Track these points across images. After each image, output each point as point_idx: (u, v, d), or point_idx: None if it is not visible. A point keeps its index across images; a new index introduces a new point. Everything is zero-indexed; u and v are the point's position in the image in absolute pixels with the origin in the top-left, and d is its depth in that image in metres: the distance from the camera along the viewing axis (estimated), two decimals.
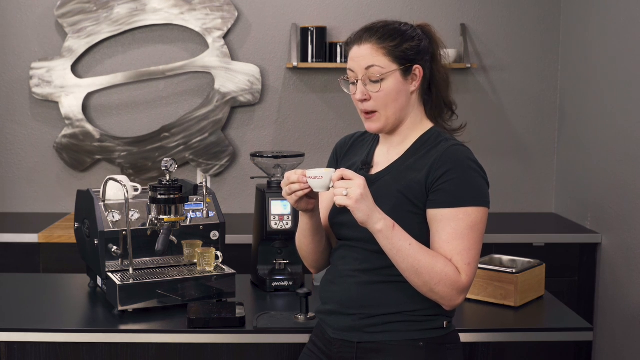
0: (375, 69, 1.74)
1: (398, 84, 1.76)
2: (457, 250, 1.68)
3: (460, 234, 1.68)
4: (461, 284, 1.68)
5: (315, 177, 1.70)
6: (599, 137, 3.53)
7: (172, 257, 2.45)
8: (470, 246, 1.69)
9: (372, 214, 1.65)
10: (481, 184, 1.73)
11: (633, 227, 3.20)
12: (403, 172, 1.77)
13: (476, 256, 1.70)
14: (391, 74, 1.75)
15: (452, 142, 1.76)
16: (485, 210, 1.72)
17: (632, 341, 3.17)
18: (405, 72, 1.77)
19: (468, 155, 1.74)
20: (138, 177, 3.97)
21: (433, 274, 1.66)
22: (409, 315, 1.75)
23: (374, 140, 1.91)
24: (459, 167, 1.70)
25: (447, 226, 1.68)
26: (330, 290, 1.84)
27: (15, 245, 3.45)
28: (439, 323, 1.77)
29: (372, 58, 1.75)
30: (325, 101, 4.02)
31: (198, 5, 3.89)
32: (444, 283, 1.66)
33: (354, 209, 1.63)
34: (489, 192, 1.75)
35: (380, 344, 1.76)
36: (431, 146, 1.77)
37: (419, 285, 1.69)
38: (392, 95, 1.76)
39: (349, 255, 1.82)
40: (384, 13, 3.93)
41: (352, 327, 1.79)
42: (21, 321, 2.23)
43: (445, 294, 1.68)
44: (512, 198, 4.10)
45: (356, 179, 1.64)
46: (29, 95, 3.95)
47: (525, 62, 4.03)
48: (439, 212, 1.70)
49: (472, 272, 1.70)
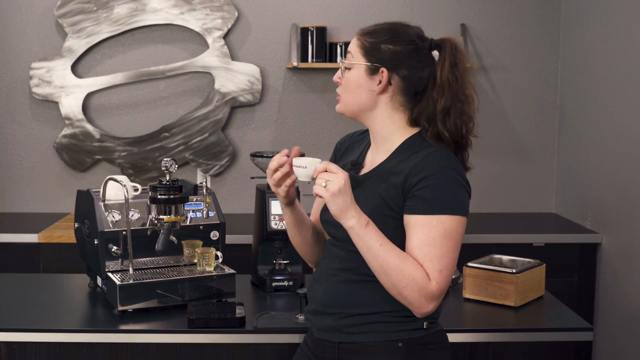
0: (348, 56, 1.81)
1: (359, 79, 1.78)
2: (429, 257, 1.66)
3: (433, 241, 1.66)
4: (430, 290, 1.65)
5: (300, 166, 1.72)
6: (599, 137, 3.53)
7: (172, 257, 2.44)
8: (443, 254, 1.66)
9: (347, 210, 1.65)
10: (459, 192, 1.70)
11: (633, 227, 3.19)
12: (385, 175, 1.76)
13: (449, 264, 1.67)
14: (357, 66, 1.78)
15: (434, 149, 1.72)
16: (461, 220, 1.69)
17: (632, 341, 3.17)
18: (371, 70, 1.77)
19: (449, 163, 1.71)
20: (138, 177, 3.97)
21: (401, 276, 1.64)
22: (388, 316, 1.75)
23: (369, 141, 1.91)
24: (437, 174, 1.68)
25: (420, 232, 1.67)
26: (315, 289, 1.86)
27: (15, 245, 3.45)
28: (418, 324, 1.76)
29: (352, 47, 1.82)
30: (325, 101, 4.02)
31: (198, 5, 3.89)
32: (411, 287, 1.65)
33: (329, 202, 1.65)
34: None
35: (360, 344, 1.76)
36: (414, 151, 1.75)
37: (389, 287, 1.68)
38: (350, 86, 1.79)
39: (334, 253, 1.83)
40: (384, 13, 3.93)
41: (333, 327, 1.79)
42: (21, 321, 2.23)
43: (413, 300, 1.66)
44: (512, 198, 4.10)
45: (339, 173, 1.65)
46: (29, 95, 3.95)
47: (525, 62, 4.03)
48: (413, 218, 1.69)
49: (444, 280, 1.66)
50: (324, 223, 1.87)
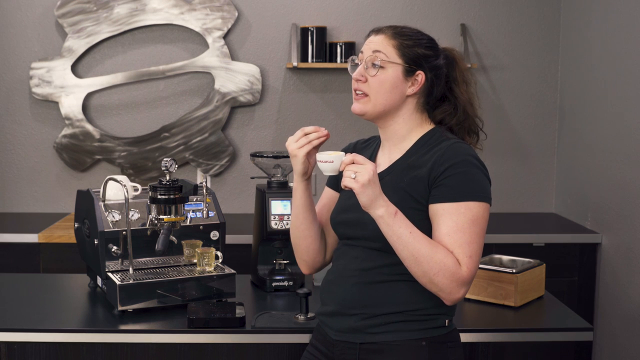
0: (380, 55, 1.78)
1: (396, 79, 1.78)
2: (458, 243, 1.68)
3: (462, 227, 1.68)
4: (461, 276, 1.67)
5: (326, 161, 1.72)
6: (599, 137, 3.53)
7: (172, 257, 2.44)
8: (472, 239, 1.69)
9: (376, 199, 1.66)
10: (483, 180, 1.74)
11: (633, 227, 3.19)
12: (405, 170, 1.79)
13: (478, 250, 1.70)
14: (393, 65, 1.78)
15: (454, 140, 1.78)
16: (486, 206, 1.72)
17: (632, 341, 3.17)
18: (407, 71, 1.79)
19: (470, 152, 1.76)
20: (138, 177, 3.97)
21: (432, 263, 1.66)
22: (411, 315, 1.75)
23: (376, 144, 1.93)
24: (461, 163, 1.72)
25: (449, 220, 1.69)
26: (331, 290, 1.85)
27: (15, 245, 3.46)
28: (440, 322, 1.78)
29: (382, 46, 1.79)
30: (325, 101, 4.02)
31: (198, 5, 3.89)
32: (442, 274, 1.66)
33: (359, 193, 1.65)
34: (490, 190, 1.76)
35: (383, 344, 1.76)
36: (433, 144, 1.79)
37: (419, 275, 1.68)
38: (386, 86, 1.78)
39: (350, 254, 1.82)
40: (384, 13, 3.93)
41: (354, 328, 1.79)
42: (21, 321, 2.23)
43: (445, 286, 1.67)
44: (512, 198, 4.10)
45: (367, 164, 1.66)
46: (29, 95, 3.95)
47: (525, 62, 4.03)
48: (440, 206, 1.71)
49: (474, 266, 1.69)
50: (339, 224, 1.87)
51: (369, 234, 1.75)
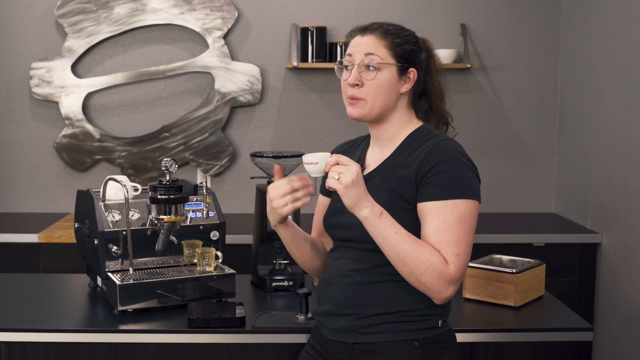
0: (374, 57, 1.77)
1: (392, 79, 1.78)
2: (446, 242, 1.67)
3: (449, 226, 1.67)
4: (449, 275, 1.66)
5: (311, 163, 1.71)
6: (599, 137, 3.53)
7: (172, 257, 2.45)
8: (459, 238, 1.68)
9: (361, 201, 1.65)
10: (471, 177, 1.73)
11: (633, 227, 3.19)
12: (393, 169, 1.78)
13: (466, 249, 1.69)
14: (388, 66, 1.77)
15: (442, 137, 1.78)
16: (475, 204, 1.71)
17: (632, 341, 3.17)
18: (401, 70, 1.79)
19: (458, 150, 1.75)
20: (138, 177, 3.97)
21: (419, 262, 1.65)
22: (404, 315, 1.75)
23: (365, 143, 1.93)
24: (448, 161, 1.71)
25: (435, 218, 1.68)
26: (326, 290, 1.85)
27: (15, 245, 3.45)
28: (433, 322, 1.77)
29: (373, 47, 1.78)
30: (325, 101, 4.02)
31: (198, 5, 3.90)
32: (430, 273, 1.65)
33: (343, 194, 1.65)
34: (480, 188, 1.75)
35: (376, 344, 1.76)
36: (421, 142, 1.78)
37: (407, 274, 1.68)
38: (384, 88, 1.77)
39: (345, 255, 1.82)
40: (384, 13, 3.93)
41: (347, 328, 1.79)
42: (21, 321, 2.23)
43: (432, 285, 1.67)
44: (512, 198, 4.10)
45: (351, 165, 1.66)
46: (29, 95, 3.95)
47: (525, 62, 4.03)
48: (427, 205, 1.70)
49: (462, 264, 1.68)
50: (331, 227, 1.87)
51: (359, 235, 1.74)
